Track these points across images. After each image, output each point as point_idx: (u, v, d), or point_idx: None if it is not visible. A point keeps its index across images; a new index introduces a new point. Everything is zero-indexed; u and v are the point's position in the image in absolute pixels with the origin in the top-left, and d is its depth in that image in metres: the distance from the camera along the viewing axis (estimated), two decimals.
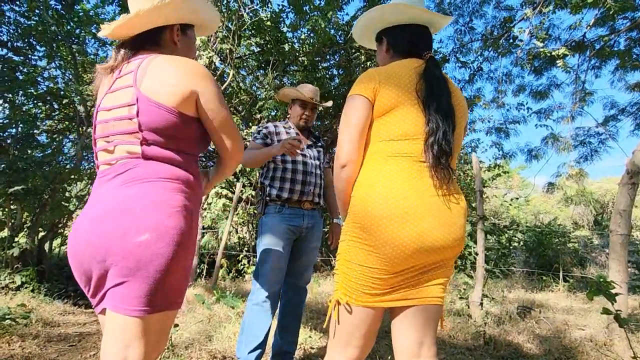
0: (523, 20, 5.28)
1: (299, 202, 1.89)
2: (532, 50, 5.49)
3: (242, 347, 1.78)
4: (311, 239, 1.94)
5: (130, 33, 0.99)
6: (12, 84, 4.72)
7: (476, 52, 6.17)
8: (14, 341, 2.12)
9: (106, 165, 0.95)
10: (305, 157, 1.95)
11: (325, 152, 2.12)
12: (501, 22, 6.09)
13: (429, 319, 1.10)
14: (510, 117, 6.39)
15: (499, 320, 2.80)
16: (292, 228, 1.85)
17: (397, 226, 1.01)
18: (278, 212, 1.86)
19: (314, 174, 1.94)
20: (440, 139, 1.05)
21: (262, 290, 1.79)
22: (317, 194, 1.94)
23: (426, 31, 1.22)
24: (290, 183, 1.87)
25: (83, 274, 0.90)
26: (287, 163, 1.90)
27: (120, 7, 5.61)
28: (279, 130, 1.98)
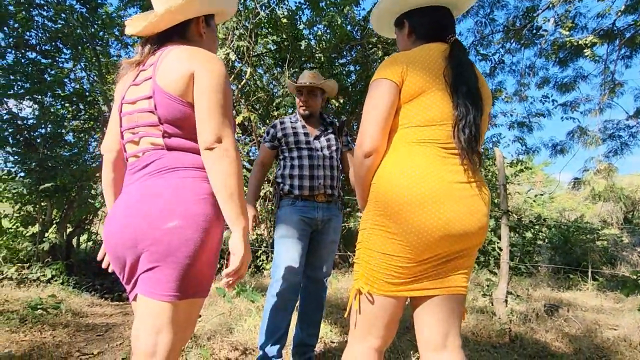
0: (547, 9, 5.08)
1: (311, 196, 1.87)
2: (557, 40, 5.28)
3: (264, 339, 1.78)
4: (328, 232, 1.91)
5: (158, 29, 1.00)
6: (41, 85, 4.93)
7: (497, 44, 5.98)
8: (45, 330, 2.21)
9: (134, 158, 0.97)
10: (312, 150, 1.91)
11: (340, 137, 2.04)
12: (524, 12, 5.88)
13: (453, 309, 1.08)
14: (533, 111, 6.17)
15: (525, 318, 2.71)
16: (305, 219, 1.84)
17: (422, 213, 0.98)
18: (291, 205, 1.86)
19: (323, 166, 1.89)
20: (470, 123, 1.02)
21: (280, 281, 1.78)
22: (328, 185, 1.89)
23: (449, 14, 1.18)
24: (298, 179, 1.86)
25: (117, 260, 0.93)
26: (294, 160, 1.89)
27: (141, 9, 5.75)
28: (285, 126, 1.96)
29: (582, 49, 4.65)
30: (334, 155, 1.96)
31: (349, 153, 2.04)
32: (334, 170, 1.94)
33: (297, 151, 1.90)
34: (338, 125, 2.05)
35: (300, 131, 1.94)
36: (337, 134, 2.02)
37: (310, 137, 1.94)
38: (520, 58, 6.66)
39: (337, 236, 1.97)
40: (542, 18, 4.94)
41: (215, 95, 0.89)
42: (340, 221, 1.98)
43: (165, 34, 1.01)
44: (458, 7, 1.19)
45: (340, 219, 1.99)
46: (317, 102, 1.98)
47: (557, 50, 5.36)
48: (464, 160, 1.04)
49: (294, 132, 1.94)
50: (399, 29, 1.24)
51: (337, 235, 1.96)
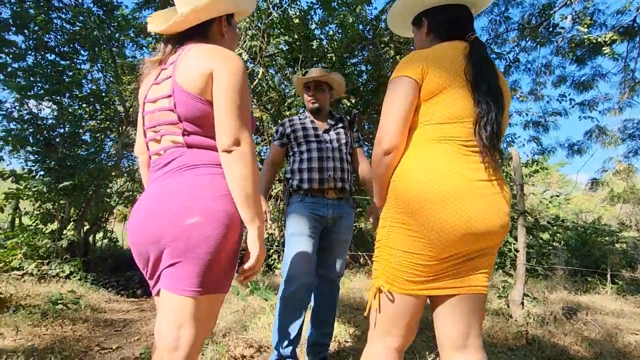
0: (565, 6, 4.98)
1: (321, 191, 1.83)
2: (574, 37, 5.17)
3: (277, 340, 1.78)
4: (339, 231, 1.87)
5: (182, 28, 1.01)
6: (60, 86, 5.05)
7: (512, 42, 5.88)
8: (66, 324, 2.27)
9: (156, 156, 0.99)
10: (320, 142, 1.88)
11: (351, 132, 2.01)
12: (540, 9, 5.77)
13: (474, 309, 1.06)
14: (549, 110, 6.05)
15: (542, 320, 2.66)
16: (315, 216, 1.80)
17: (444, 210, 0.98)
18: (301, 201, 1.83)
19: (332, 158, 1.85)
20: (492, 120, 1.01)
21: (291, 281, 1.75)
22: (339, 178, 1.84)
23: (468, 11, 1.18)
24: (307, 173, 1.83)
25: (141, 256, 0.95)
26: (303, 154, 1.86)
27: (156, 10, 5.84)
28: (294, 122, 1.95)
29: (601, 47, 4.54)
30: (344, 148, 1.92)
31: (359, 149, 2.01)
32: (344, 163, 1.89)
33: (305, 145, 1.87)
34: (349, 120, 2.02)
35: (309, 126, 1.92)
36: (347, 129, 1.99)
37: (319, 130, 1.92)
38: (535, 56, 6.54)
39: (349, 235, 1.93)
40: (560, 15, 4.83)
41: (233, 95, 0.90)
42: (351, 219, 1.93)
43: (187, 32, 1.02)
44: (477, 5, 1.18)
45: (352, 217, 1.94)
46: (325, 97, 1.96)
47: (574, 48, 5.24)
48: (485, 157, 1.03)
49: (303, 127, 1.92)
50: (417, 28, 1.24)
51: (348, 235, 1.92)
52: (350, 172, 1.93)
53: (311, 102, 1.94)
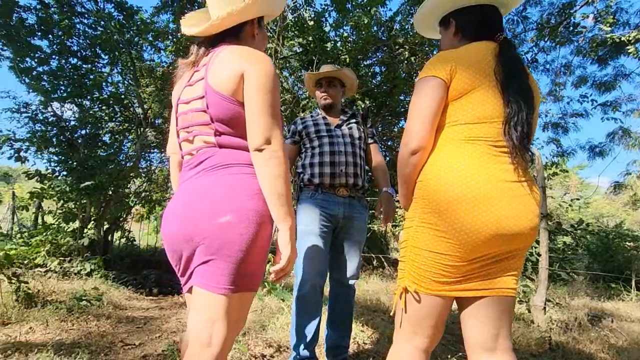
0: (586, 5, 4.86)
1: (332, 187, 1.79)
2: (596, 37, 5.04)
3: (295, 341, 1.77)
4: (352, 232, 1.82)
5: (217, 31, 1.03)
6: (82, 89, 5.20)
7: (531, 42, 5.77)
8: (90, 320, 2.33)
9: (189, 156, 1.01)
10: (332, 137, 1.84)
11: (365, 127, 1.97)
12: (559, 8, 5.65)
13: (503, 311, 1.05)
14: (569, 111, 5.91)
15: (565, 326, 2.59)
16: (326, 215, 1.75)
17: (473, 211, 0.97)
18: (311, 197, 1.78)
19: (345, 152, 1.81)
20: (523, 120, 1.00)
21: (303, 282, 1.73)
22: (351, 173, 1.79)
23: (497, 12, 1.17)
24: (319, 167, 1.79)
25: (175, 253, 0.97)
26: (315, 149, 1.84)
27: (174, 14, 5.95)
28: (305, 120, 1.93)
29: (625, 46, 4.42)
30: (357, 143, 1.87)
31: (373, 145, 1.97)
32: (357, 158, 1.84)
33: (317, 140, 1.85)
34: (362, 115, 1.99)
35: (321, 122, 1.90)
36: (361, 124, 1.95)
37: (332, 126, 1.89)
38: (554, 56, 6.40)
39: (363, 237, 1.87)
40: (581, 14, 4.72)
41: (265, 96, 0.90)
42: (365, 220, 1.88)
43: (219, 34, 1.04)
44: (507, 5, 1.17)
45: (365, 217, 1.88)
46: (337, 93, 1.93)
47: (596, 47, 5.11)
48: (514, 158, 1.01)
49: (315, 123, 1.90)
50: (444, 28, 1.23)
51: (362, 236, 1.87)
52: (363, 169, 1.89)
53: (323, 99, 1.91)
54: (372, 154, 1.97)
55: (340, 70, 1.90)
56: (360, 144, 1.88)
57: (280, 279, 0.96)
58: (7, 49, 5.20)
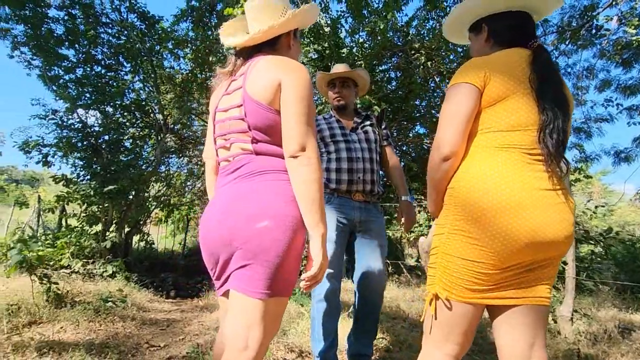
0: (610, 7, 4.75)
1: (348, 193, 1.77)
2: (620, 39, 4.92)
3: (316, 346, 1.76)
4: (371, 236, 1.79)
5: (256, 42, 1.07)
6: (105, 96, 5.39)
7: (551, 46, 5.67)
8: (116, 321, 2.39)
9: (225, 162, 1.03)
10: (348, 142, 1.81)
11: (379, 129, 1.93)
12: (581, 11, 5.54)
13: (538, 320, 1.03)
14: (593, 116, 5.76)
15: (594, 338, 2.50)
16: (342, 219, 1.74)
17: (508, 219, 0.95)
18: (327, 202, 1.77)
19: (362, 159, 1.78)
20: (559, 128, 0.98)
21: (320, 287, 1.71)
22: (369, 180, 1.77)
23: (530, 18, 1.16)
24: (336, 173, 1.77)
25: (212, 257, 0.99)
26: (331, 154, 1.81)
27: (193, 23, 6.09)
28: (319, 123, 1.89)
29: None
30: (373, 147, 1.84)
31: (388, 147, 1.94)
32: (374, 164, 1.81)
33: (333, 145, 1.82)
34: (377, 116, 1.95)
35: (335, 125, 1.86)
36: (375, 126, 1.91)
37: (346, 129, 1.85)
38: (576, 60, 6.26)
39: (383, 240, 1.84)
40: (604, 17, 4.61)
41: (300, 103, 0.92)
42: (382, 224, 1.85)
43: (257, 45, 1.07)
44: (540, 12, 1.16)
45: (382, 221, 1.85)
46: (350, 93, 1.88)
47: (620, 50, 4.98)
48: (550, 166, 1.00)
49: (329, 127, 1.86)
50: (474, 34, 1.22)
51: (382, 239, 1.83)
52: (379, 174, 1.87)
53: (337, 100, 1.87)
54: (387, 156, 1.92)
55: (353, 71, 1.87)
56: (375, 148, 1.85)
57: (312, 287, 0.96)
58: (37, 58, 5.44)
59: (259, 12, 1.06)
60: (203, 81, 6.15)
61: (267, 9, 1.06)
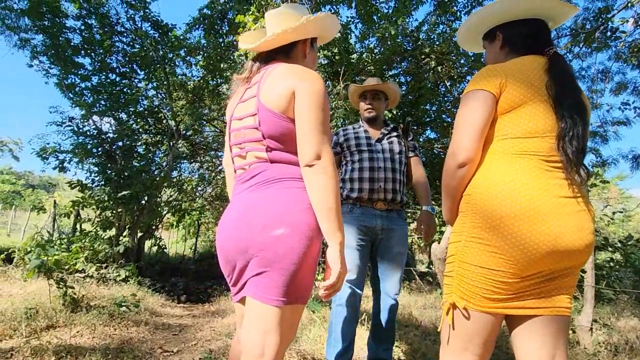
0: (625, 9, 4.67)
1: (370, 201, 1.81)
2: (637, 41, 4.82)
3: (331, 350, 1.77)
4: (391, 243, 1.82)
5: (270, 47, 1.08)
6: (119, 103, 5.51)
7: (565, 49, 5.60)
8: (130, 325, 2.41)
9: (241, 170, 1.04)
10: (372, 152, 1.86)
11: (406, 140, 1.98)
12: (595, 13, 5.46)
13: (559, 330, 1.00)
14: (609, 119, 5.64)
15: (615, 349, 2.42)
16: (363, 228, 1.78)
17: (528, 227, 0.94)
18: (349, 212, 1.82)
19: (384, 169, 1.83)
20: (579, 135, 0.97)
21: (342, 291, 1.75)
22: (390, 189, 1.81)
23: (545, 26, 1.15)
24: (358, 182, 1.82)
25: (228, 264, 0.99)
26: (355, 163, 1.86)
27: (205, 31, 6.20)
28: (347, 132, 1.96)
29: None
30: (397, 158, 1.89)
31: (414, 158, 1.97)
32: (397, 173, 1.85)
33: (358, 154, 1.87)
34: (403, 128, 2.00)
35: (362, 135, 1.93)
36: (401, 137, 1.97)
37: (372, 139, 1.91)
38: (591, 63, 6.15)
39: (404, 248, 1.87)
40: (619, 19, 4.54)
41: (315, 113, 0.92)
42: (405, 231, 1.87)
43: (272, 51, 1.08)
44: (555, 19, 1.15)
45: (405, 229, 1.88)
46: (381, 105, 1.96)
47: (637, 52, 4.88)
48: (569, 174, 0.98)
49: (356, 136, 1.93)
50: (489, 42, 1.22)
51: (403, 247, 1.86)
52: (403, 183, 1.90)
53: (368, 111, 1.95)
54: (413, 168, 1.96)
55: (386, 84, 1.94)
56: (400, 159, 1.90)
57: (330, 295, 0.95)
58: (55, 67, 5.60)
59: (276, 18, 1.08)
60: (214, 88, 6.23)
61: (284, 15, 1.08)
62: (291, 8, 1.09)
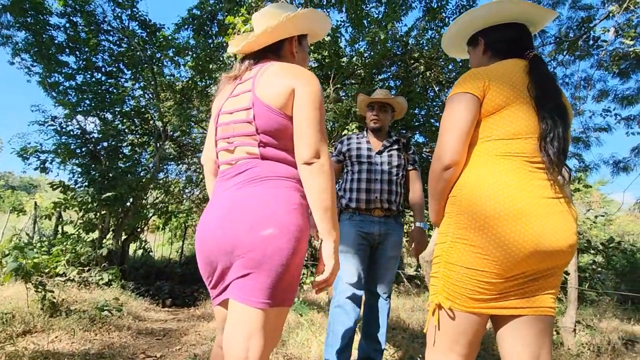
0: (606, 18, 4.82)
1: (368, 210, 1.89)
2: (617, 50, 4.98)
3: (329, 349, 1.80)
4: (386, 247, 1.91)
5: (256, 47, 1.07)
6: (105, 103, 5.40)
7: (549, 57, 5.74)
8: (112, 330, 2.34)
9: (227, 165, 1.01)
10: (371, 164, 1.95)
11: (406, 154, 2.06)
12: (578, 22, 5.62)
13: (544, 330, 1.01)
14: (591, 125, 5.79)
15: (598, 350, 2.47)
16: (362, 234, 1.87)
17: (512, 227, 0.94)
18: (349, 219, 1.90)
19: (380, 181, 1.91)
20: (560, 136, 0.99)
21: (341, 293, 1.81)
22: (385, 200, 1.89)
23: (526, 30, 1.17)
24: (356, 192, 1.90)
25: (209, 265, 0.96)
26: (354, 174, 1.94)
27: (194, 31, 6.14)
28: (351, 141, 2.03)
29: None
30: (394, 170, 1.96)
31: (413, 172, 2.04)
32: (393, 185, 1.93)
33: (357, 165, 1.96)
34: (404, 142, 2.07)
35: (364, 146, 2.00)
36: (402, 151, 2.04)
37: (373, 151, 1.98)
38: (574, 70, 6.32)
39: (398, 252, 1.95)
40: (601, 28, 4.67)
41: (314, 112, 0.93)
42: (400, 236, 1.96)
43: (261, 51, 1.07)
44: (535, 24, 1.18)
45: (401, 234, 1.97)
46: (387, 118, 2.03)
47: (618, 61, 5.04)
48: (551, 174, 1.00)
49: (358, 147, 2.00)
50: (472, 47, 1.24)
51: (397, 251, 1.94)
52: (399, 194, 1.97)
53: (373, 122, 2.02)
54: (411, 181, 2.04)
55: (394, 98, 2.02)
56: (397, 172, 1.97)
57: (321, 290, 0.97)
58: (38, 64, 5.46)
59: (261, 18, 1.08)
60: (203, 89, 6.17)
61: (267, 15, 1.08)
62: (277, 7, 1.08)
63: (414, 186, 2.04)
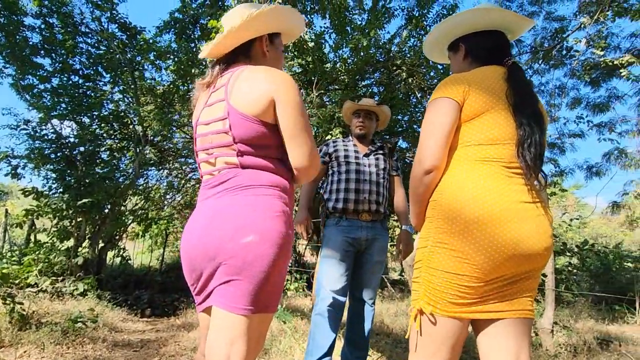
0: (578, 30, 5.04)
1: (356, 213, 1.88)
2: (588, 60, 5.21)
3: (309, 358, 1.77)
4: (373, 253, 1.91)
5: (225, 50, 1.04)
6: (82, 107, 5.23)
7: (525, 65, 5.95)
8: (86, 343, 2.24)
9: (209, 175, 0.99)
10: (359, 165, 1.96)
11: (390, 159, 2.09)
12: (552, 33, 5.86)
13: (523, 332, 1.03)
14: (566, 132, 6.03)
15: (574, 350, 2.53)
16: (349, 240, 1.86)
17: (491, 232, 0.96)
18: (336, 225, 1.89)
19: (369, 182, 1.92)
20: (536, 142, 1.01)
21: (323, 300, 1.79)
22: (374, 201, 1.90)
23: (505, 37, 1.21)
24: (344, 193, 1.90)
25: (194, 272, 0.94)
26: (342, 174, 1.94)
27: (176, 35, 6.05)
28: (337, 144, 2.05)
29: (617, 69, 4.56)
30: (381, 173, 1.99)
31: (397, 178, 2.07)
32: (380, 187, 1.95)
33: (345, 165, 1.96)
34: (389, 147, 2.11)
35: (351, 148, 2.02)
36: (387, 156, 2.07)
37: (360, 154, 2.01)
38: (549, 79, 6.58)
39: (383, 257, 1.96)
40: (573, 39, 4.88)
41: (301, 117, 0.93)
42: (386, 241, 1.97)
43: (231, 54, 1.04)
44: (513, 32, 1.21)
45: (386, 239, 1.98)
46: (371, 125, 2.06)
47: (589, 70, 5.27)
48: (528, 179, 1.02)
49: (345, 148, 2.02)
50: (453, 53, 1.26)
51: (382, 256, 1.95)
52: (385, 198, 1.99)
53: (359, 128, 2.04)
54: (395, 187, 2.07)
55: (380, 107, 2.06)
56: (384, 175, 2.00)
57: None
58: (10, 66, 5.24)
59: (229, 19, 1.04)
60: (185, 93, 6.07)
61: (235, 15, 1.03)
62: (247, 7, 1.04)
63: (397, 191, 2.06)
